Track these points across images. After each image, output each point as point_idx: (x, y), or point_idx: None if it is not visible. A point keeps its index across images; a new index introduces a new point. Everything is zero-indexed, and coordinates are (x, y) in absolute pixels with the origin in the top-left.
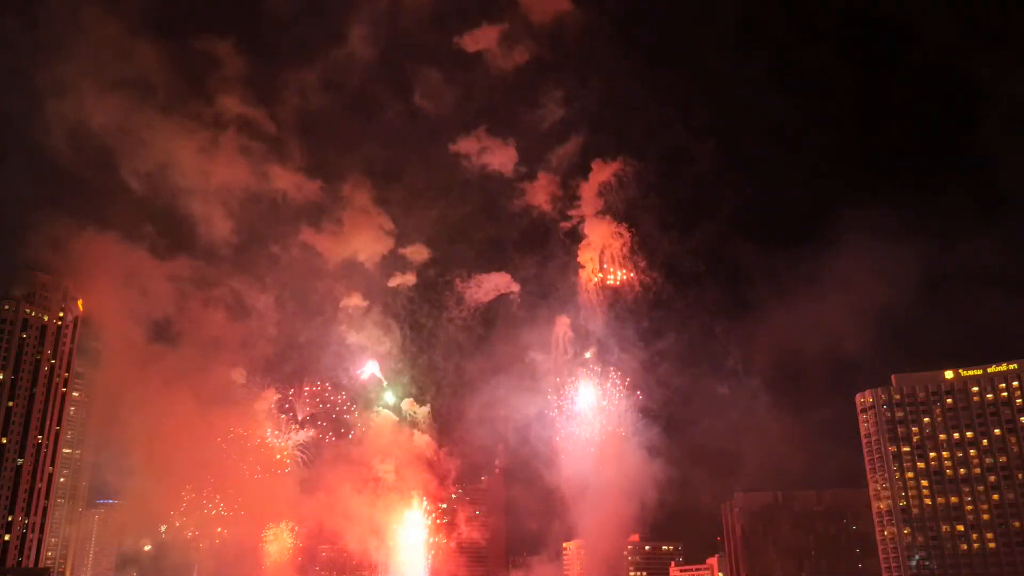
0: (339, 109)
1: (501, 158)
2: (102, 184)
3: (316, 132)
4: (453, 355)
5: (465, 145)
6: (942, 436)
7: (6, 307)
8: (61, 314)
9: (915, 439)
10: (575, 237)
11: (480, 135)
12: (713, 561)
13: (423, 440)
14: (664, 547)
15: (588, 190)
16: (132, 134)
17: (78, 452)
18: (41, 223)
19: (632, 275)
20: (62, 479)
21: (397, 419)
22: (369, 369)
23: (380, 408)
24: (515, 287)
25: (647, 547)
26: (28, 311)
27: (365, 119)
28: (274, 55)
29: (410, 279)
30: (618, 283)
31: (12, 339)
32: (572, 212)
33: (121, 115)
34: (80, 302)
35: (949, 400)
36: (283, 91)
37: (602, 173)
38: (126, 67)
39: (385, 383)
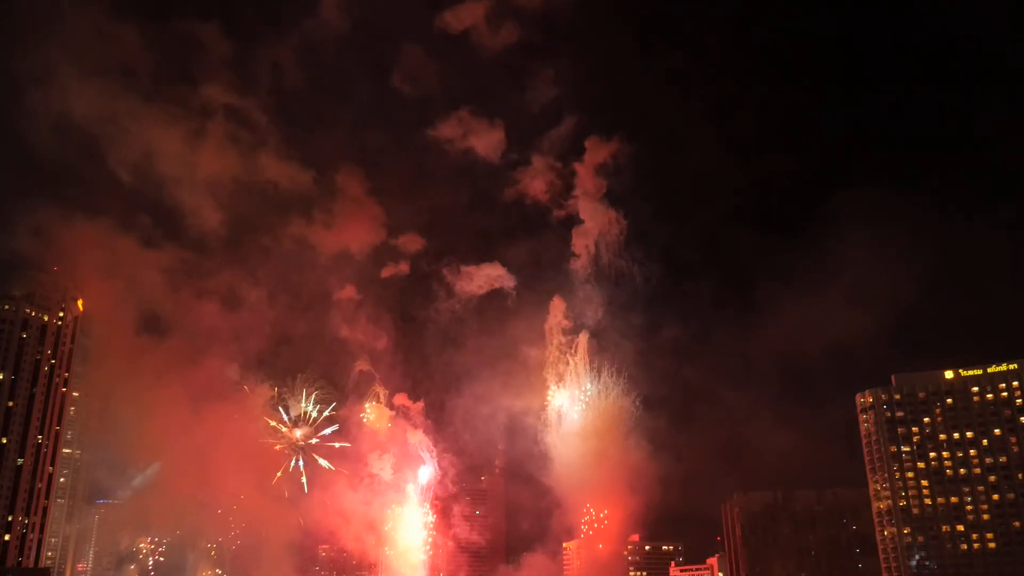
0: (328, 96)
1: (491, 142)
2: (92, 176)
3: (302, 119)
4: (447, 349)
5: (455, 129)
6: (942, 436)
7: (6, 307)
8: (61, 314)
9: (915, 439)
10: (570, 224)
11: (465, 117)
12: (713, 561)
13: (418, 436)
14: (664, 547)
15: (583, 171)
16: (117, 123)
17: (78, 452)
18: (34, 218)
19: (628, 264)
20: (62, 479)
21: (392, 414)
22: (363, 364)
23: (374, 403)
24: (510, 281)
25: (647, 547)
26: (28, 311)
27: (357, 107)
28: (257, 41)
29: (403, 269)
30: (614, 272)
31: (12, 339)
32: (568, 202)
33: (106, 104)
34: (80, 302)
35: (949, 400)
36: (267, 78)
37: (597, 154)
38: (111, 54)
39: (378, 378)
